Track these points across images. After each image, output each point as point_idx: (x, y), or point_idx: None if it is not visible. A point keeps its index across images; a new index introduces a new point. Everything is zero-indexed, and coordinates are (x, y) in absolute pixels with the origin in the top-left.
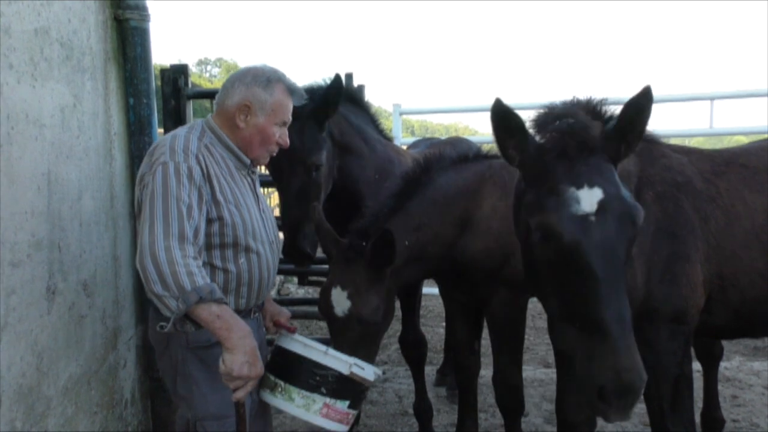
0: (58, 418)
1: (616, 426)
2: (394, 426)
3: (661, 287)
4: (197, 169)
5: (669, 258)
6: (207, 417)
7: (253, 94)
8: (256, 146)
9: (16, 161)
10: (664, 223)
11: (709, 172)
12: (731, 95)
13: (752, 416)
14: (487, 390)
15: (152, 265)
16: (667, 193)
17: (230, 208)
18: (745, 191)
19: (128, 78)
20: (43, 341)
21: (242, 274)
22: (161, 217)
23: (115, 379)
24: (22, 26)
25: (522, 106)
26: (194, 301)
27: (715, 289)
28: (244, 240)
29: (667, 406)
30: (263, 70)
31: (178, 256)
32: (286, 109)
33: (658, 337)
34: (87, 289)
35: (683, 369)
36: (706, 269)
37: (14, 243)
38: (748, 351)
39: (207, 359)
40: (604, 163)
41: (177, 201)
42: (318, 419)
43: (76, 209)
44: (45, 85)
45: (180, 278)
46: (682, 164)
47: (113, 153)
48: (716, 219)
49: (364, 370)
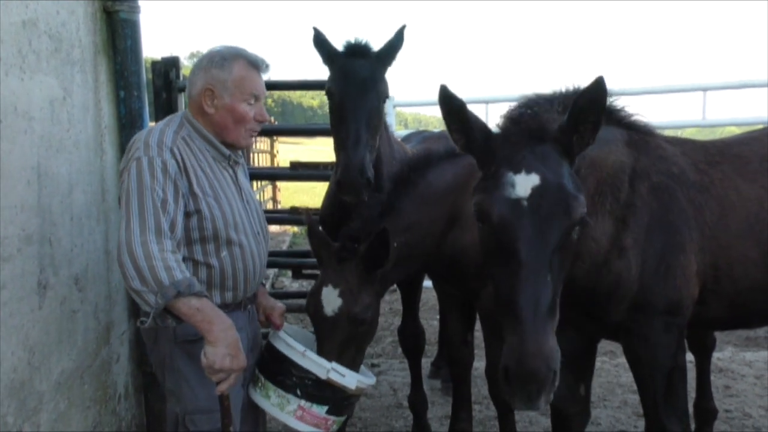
0: (50, 413)
1: (610, 418)
2: (389, 418)
3: (656, 279)
4: (172, 162)
5: (663, 249)
6: (195, 411)
7: (212, 76)
8: (231, 128)
9: (5, 155)
10: (659, 214)
11: (702, 163)
12: (724, 86)
13: (744, 406)
14: (482, 382)
15: (130, 260)
16: (662, 184)
17: (208, 201)
18: (739, 181)
19: (119, 70)
20: (34, 336)
21: (225, 267)
22: (137, 213)
23: (108, 373)
24: (10, 18)
25: (515, 98)
26: (173, 296)
27: (709, 280)
28: (225, 233)
29: (660, 398)
30: (218, 50)
31: (155, 250)
32: (250, 83)
33: (653, 329)
34: (79, 283)
35: (677, 361)
36: (701, 260)
37: (4, 237)
38: (741, 341)
39: (194, 353)
40: (551, 152)
41: (152, 195)
42: (291, 420)
43: (66, 203)
44: (34, 78)
45: (158, 273)
46: (675, 155)
47: (104, 146)
48: (710, 209)
49: (345, 377)
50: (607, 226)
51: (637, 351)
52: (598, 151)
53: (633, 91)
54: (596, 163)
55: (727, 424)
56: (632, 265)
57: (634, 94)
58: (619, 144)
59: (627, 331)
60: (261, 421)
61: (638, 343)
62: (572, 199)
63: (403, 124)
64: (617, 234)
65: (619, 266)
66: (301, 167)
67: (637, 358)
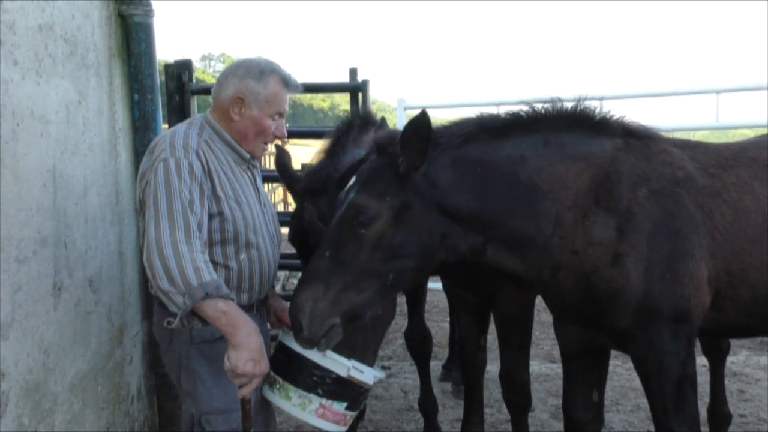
0: (65, 414)
1: (623, 422)
2: (400, 421)
3: (662, 286)
4: (198, 164)
5: (670, 256)
6: (212, 412)
7: (247, 87)
8: (251, 138)
9: (21, 158)
10: (664, 221)
11: (714, 167)
12: (737, 89)
13: (759, 411)
14: (493, 385)
15: (159, 260)
16: (666, 190)
17: (230, 203)
18: (755, 185)
19: (133, 74)
20: (49, 337)
21: (243, 270)
22: (166, 213)
23: (121, 374)
24: (27, 22)
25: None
26: (200, 298)
27: (723, 287)
28: (245, 235)
29: (671, 406)
30: (257, 62)
31: (185, 251)
32: (280, 101)
33: (660, 336)
34: (93, 285)
35: (687, 369)
36: (712, 266)
37: (20, 239)
38: (755, 345)
39: (211, 354)
40: (380, 165)
41: (180, 196)
42: (314, 419)
43: (81, 206)
44: (50, 82)
45: (187, 274)
46: (683, 159)
47: (118, 149)
48: (722, 214)
49: (363, 373)
50: (596, 235)
51: (644, 359)
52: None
53: (646, 93)
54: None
55: (741, 428)
56: (630, 271)
57: (648, 96)
58: (608, 155)
59: (634, 339)
60: (272, 422)
61: (646, 350)
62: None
63: None
64: (611, 242)
65: (612, 273)
66: None
67: (646, 366)
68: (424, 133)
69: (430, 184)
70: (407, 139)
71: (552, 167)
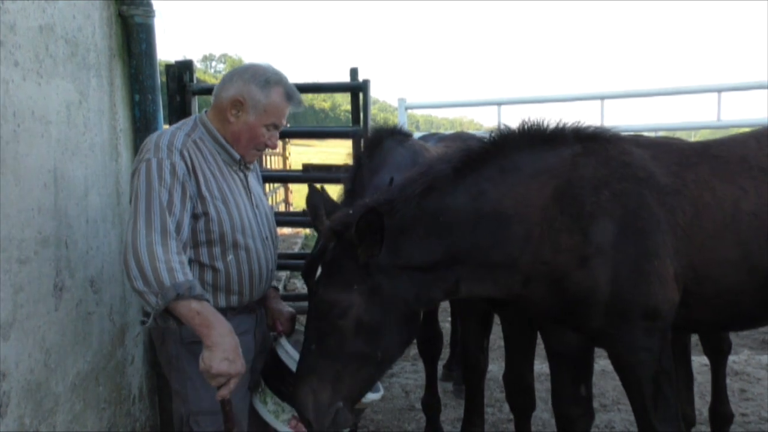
0: (66, 414)
1: (624, 422)
2: (401, 421)
3: (629, 286)
4: (181, 164)
5: (636, 255)
6: (200, 412)
7: (249, 91)
8: (243, 143)
9: (22, 158)
10: (627, 221)
11: (675, 165)
12: (738, 87)
13: (761, 410)
14: (494, 385)
15: (134, 261)
16: (627, 190)
17: (216, 204)
18: (715, 182)
19: (133, 74)
20: (50, 338)
21: (231, 271)
22: (144, 213)
23: (122, 375)
24: (27, 23)
25: (527, 99)
26: (172, 298)
27: (689, 282)
28: (232, 236)
29: (650, 403)
30: (265, 69)
31: (159, 252)
32: (279, 113)
33: (633, 334)
34: (94, 285)
35: (662, 365)
36: (677, 263)
37: (21, 240)
38: (757, 344)
39: (200, 354)
40: (341, 254)
41: (159, 196)
42: (285, 429)
43: (82, 206)
44: (50, 82)
45: (160, 274)
46: (644, 159)
47: (119, 149)
48: (683, 211)
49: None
50: (563, 243)
51: (620, 356)
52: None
53: (647, 92)
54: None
55: (743, 428)
56: (598, 273)
57: (649, 95)
58: (568, 163)
59: (609, 338)
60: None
61: (621, 348)
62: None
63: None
64: (578, 245)
65: (580, 276)
66: (313, 169)
67: (622, 364)
68: (377, 229)
69: (393, 253)
70: (361, 234)
71: (513, 191)
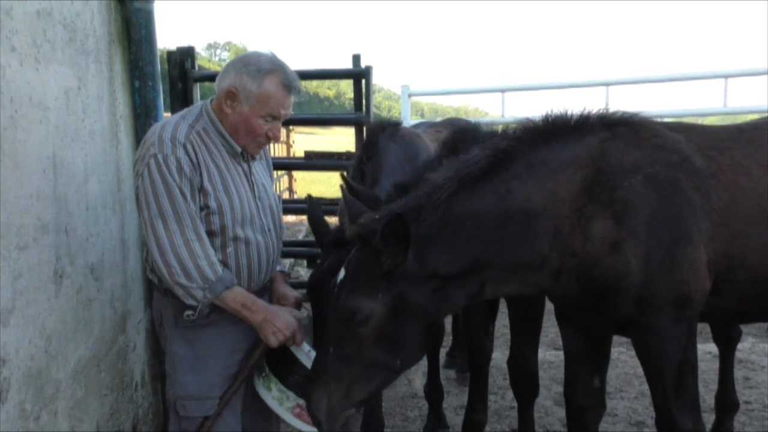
0: (67, 401)
1: (627, 409)
2: (404, 408)
3: (661, 272)
4: (186, 159)
5: (669, 241)
6: (185, 397)
7: (241, 81)
8: (242, 135)
9: (20, 144)
10: (661, 205)
11: (711, 149)
12: (746, 73)
13: (764, 398)
14: (497, 372)
15: (175, 260)
16: (661, 174)
17: (218, 196)
18: (752, 166)
19: (133, 60)
20: (51, 325)
21: (230, 263)
22: (171, 213)
23: (124, 362)
24: (24, 8)
25: (532, 86)
26: (221, 290)
27: (722, 270)
28: (232, 229)
29: (671, 391)
30: (258, 58)
31: (197, 249)
32: (275, 102)
33: (661, 322)
34: (95, 272)
35: (687, 354)
36: (711, 250)
37: (20, 227)
38: (761, 332)
39: (192, 339)
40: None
41: (180, 194)
42: (289, 417)
43: (82, 193)
44: (48, 68)
45: (203, 270)
46: (677, 142)
47: (119, 136)
48: (719, 196)
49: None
50: (594, 231)
51: (646, 344)
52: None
53: (654, 78)
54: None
55: (746, 415)
56: (630, 258)
57: (656, 81)
58: (596, 150)
59: (635, 325)
60: (274, 417)
61: (647, 336)
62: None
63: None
64: (609, 231)
65: (612, 261)
66: (317, 157)
67: (647, 351)
68: (401, 237)
69: (419, 261)
70: (386, 242)
71: (540, 187)
